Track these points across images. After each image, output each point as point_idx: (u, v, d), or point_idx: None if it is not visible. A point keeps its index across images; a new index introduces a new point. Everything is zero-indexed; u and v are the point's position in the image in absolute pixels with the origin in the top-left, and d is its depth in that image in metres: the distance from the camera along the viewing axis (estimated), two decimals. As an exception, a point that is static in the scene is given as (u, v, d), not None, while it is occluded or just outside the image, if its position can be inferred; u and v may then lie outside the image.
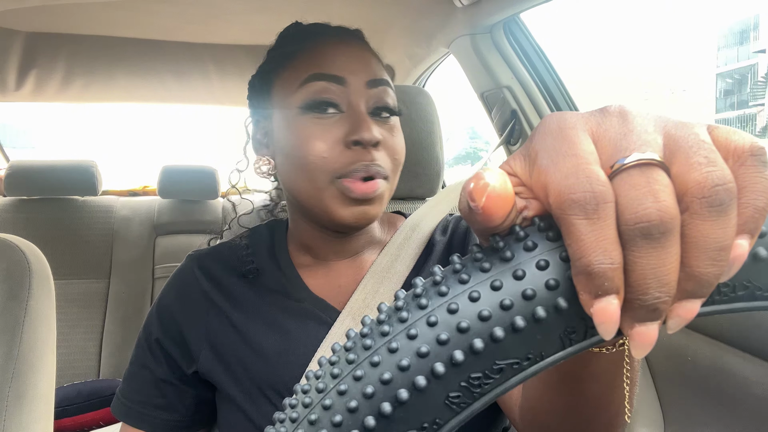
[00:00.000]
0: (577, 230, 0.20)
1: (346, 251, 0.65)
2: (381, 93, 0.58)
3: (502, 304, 0.21)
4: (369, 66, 0.59)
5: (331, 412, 0.21)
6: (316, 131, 0.56)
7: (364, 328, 0.23)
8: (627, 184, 0.20)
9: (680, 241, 0.20)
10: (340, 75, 0.56)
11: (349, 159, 0.55)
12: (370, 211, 0.57)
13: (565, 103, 1.20)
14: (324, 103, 0.56)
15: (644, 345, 0.20)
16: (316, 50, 0.58)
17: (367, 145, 0.55)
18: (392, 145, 0.58)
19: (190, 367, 0.63)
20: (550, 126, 0.22)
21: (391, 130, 0.59)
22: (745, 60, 27.58)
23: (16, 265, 0.78)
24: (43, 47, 1.45)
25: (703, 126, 0.21)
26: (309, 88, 0.56)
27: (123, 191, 2.34)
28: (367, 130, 0.54)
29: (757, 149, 0.20)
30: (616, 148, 0.21)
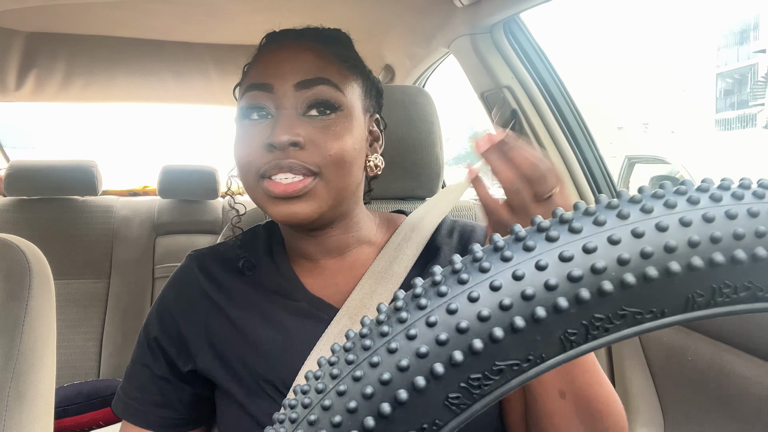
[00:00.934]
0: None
1: (330, 249, 0.66)
2: (315, 92, 0.58)
3: (502, 304, 0.21)
4: (300, 68, 0.59)
5: (331, 412, 0.21)
6: (245, 136, 0.59)
7: (364, 329, 0.23)
8: None
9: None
10: (267, 82, 0.59)
11: (268, 159, 0.57)
12: (301, 209, 0.57)
13: (565, 103, 1.20)
14: (255, 110, 0.59)
15: None
16: (257, 61, 0.63)
17: (281, 148, 0.56)
18: (323, 143, 0.57)
19: (188, 364, 0.64)
20: None
21: (326, 127, 0.58)
22: (745, 60, 27.56)
23: (16, 265, 0.78)
24: (43, 47, 1.45)
25: None
26: (246, 97, 0.60)
27: (123, 191, 2.34)
28: (280, 132, 0.55)
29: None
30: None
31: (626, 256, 0.21)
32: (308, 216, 0.57)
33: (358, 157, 0.61)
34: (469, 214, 0.93)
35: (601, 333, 0.21)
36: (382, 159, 0.67)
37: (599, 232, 0.22)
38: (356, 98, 0.62)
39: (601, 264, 0.21)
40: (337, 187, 0.58)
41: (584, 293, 0.21)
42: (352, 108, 0.61)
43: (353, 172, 0.60)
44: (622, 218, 0.22)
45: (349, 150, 0.59)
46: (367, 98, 0.65)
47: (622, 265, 0.21)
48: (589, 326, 0.21)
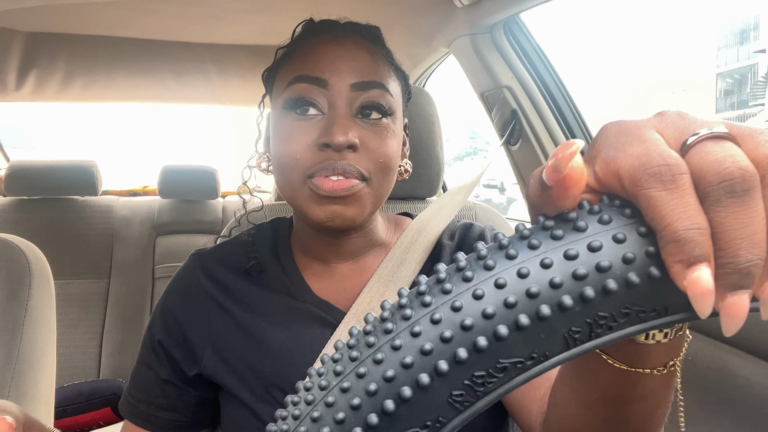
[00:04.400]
0: (657, 201, 0.20)
1: (346, 253, 0.65)
2: (370, 95, 0.57)
3: (506, 301, 0.21)
4: (357, 67, 0.57)
5: (334, 409, 0.21)
6: (293, 131, 0.56)
7: (367, 326, 0.23)
8: (702, 152, 0.21)
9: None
10: (322, 77, 0.56)
11: (320, 158, 0.55)
12: (344, 211, 0.55)
13: (565, 103, 1.20)
14: (303, 104, 0.56)
15: (736, 318, 0.20)
16: (307, 50, 0.59)
17: (338, 149, 0.54)
18: (375, 148, 0.56)
19: (192, 368, 0.63)
20: (611, 129, 0.24)
21: (379, 132, 0.57)
22: (745, 60, 27.57)
23: (16, 265, 0.78)
24: (43, 47, 1.45)
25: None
26: (293, 88, 0.57)
27: (123, 191, 2.34)
28: (338, 133, 0.53)
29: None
30: (683, 132, 0.22)
31: (630, 255, 0.21)
32: (351, 218, 0.56)
33: (398, 163, 0.60)
34: (469, 214, 0.93)
35: (605, 331, 0.21)
36: (410, 163, 0.67)
37: (604, 230, 0.22)
38: (399, 103, 0.61)
39: (605, 263, 0.21)
40: (379, 193, 0.58)
41: (588, 291, 0.21)
42: (398, 113, 0.60)
43: (393, 178, 0.60)
44: (627, 218, 0.22)
45: (395, 156, 0.58)
46: (403, 102, 0.64)
47: (626, 263, 0.21)
48: (593, 324, 0.21)
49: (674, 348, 0.32)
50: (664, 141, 0.22)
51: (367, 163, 0.56)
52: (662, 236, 0.20)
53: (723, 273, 0.20)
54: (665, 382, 0.34)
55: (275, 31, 1.42)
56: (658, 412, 0.37)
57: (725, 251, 0.20)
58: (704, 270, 0.20)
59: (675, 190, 0.20)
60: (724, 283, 0.20)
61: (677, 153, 0.21)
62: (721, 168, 0.20)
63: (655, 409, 0.37)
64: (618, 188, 0.23)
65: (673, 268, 0.20)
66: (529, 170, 1.27)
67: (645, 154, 0.21)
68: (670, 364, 0.32)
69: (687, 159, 0.21)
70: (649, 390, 0.35)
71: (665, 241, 0.20)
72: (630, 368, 0.32)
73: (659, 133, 0.23)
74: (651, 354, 0.32)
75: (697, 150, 0.21)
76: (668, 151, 0.21)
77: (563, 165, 0.22)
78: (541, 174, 0.24)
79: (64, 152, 12.87)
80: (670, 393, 0.35)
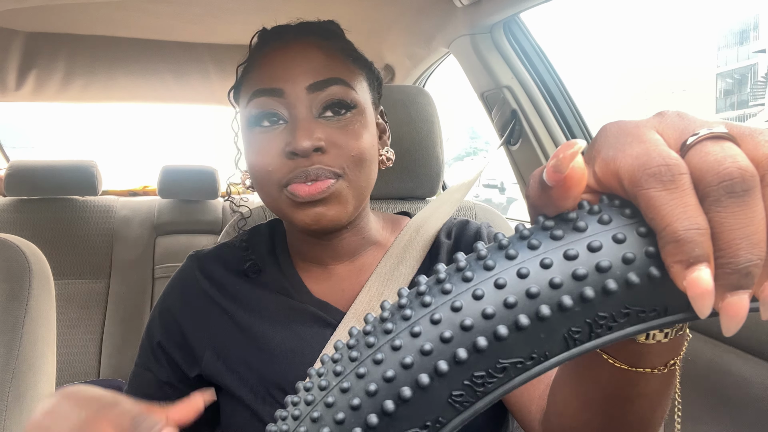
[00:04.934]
0: (657, 201, 0.20)
1: (341, 254, 0.64)
2: (329, 93, 0.56)
3: (506, 301, 0.21)
4: (310, 69, 0.56)
5: (334, 409, 0.21)
6: (261, 144, 0.57)
7: (367, 326, 0.23)
8: (702, 152, 0.21)
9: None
10: (277, 87, 0.56)
11: (290, 167, 0.55)
12: (326, 212, 0.55)
13: (565, 103, 1.20)
14: (267, 117, 0.57)
15: (736, 318, 0.20)
16: (260, 63, 0.59)
17: (305, 154, 0.54)
18: (344, 144, 0.56)
19: (193, 370, 0.63)
20: (611, 129, 0.24)
21: (345, 127, 0.56)
22: (745, 60, 27.56)
23: (16, 265, 0.78)
24: (43, 47, 1.45)
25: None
26: (253, 104, 0.57)
27: (123, 191, 2.34)
28: (301, 138, 0.53)
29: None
30: (682, 132, 0.22)
31: (630, 255, 0.21)
32: (335, 218, 0.56)
33: (375, 153, 0.60)
34: (469, 214, 0.93)
35: (605, 331, 0.21)
36: (393, 151, 0.66)
37: (604, 231, 0.22)
38: (365, 93, 0.61)
39: (605, 263, 0.21)
40: (359, 186, 0.58)
41: (588, 291, 0.21)
42: (365, 104, 0.59)
43: (372, 169, 0.59)
44: (627, 218, 0.22)
45: (368, 147, 0.58)
46: (373, 91, 0.63)
47: (626, 264, 0.21)
48: (593, 324, 0.21)
49: (674, 347, 0.32)
50: (664, 141, 0.22)
51: (339, 160, 0.55)
52: (662, 236, 0.20)
53: (723, 273, 0.20)
54: (665, 381, 0.34)
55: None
56: (657, 411, 0.38)
57: (725, 251, 0.20)
58: (704, 270, 0.20)
59: (675, 190, 0.20)
60: (723, 283, 0.20)
61: (677, 153, 0.21)
62: (721, 168, 0.20)
63: (654, 408, 0.37)
64: (618, 188, 0.23)
65: (673, 268, 0.20)
66: (529, 170, 1.27)
67: (645, 154, 0.21)
68: (670, 363, 0.32)
69: (687, 159, 0.21)
70: (649, 389, 0.35)
71: (665, 242, 0.20)
72: (630, 367, 0.32)
73: (659, 134, 0.23)
74: (651, 353, 0.32)
75: (696, 150, 0.21)
76: (668, 151, 0.21)
77: (564, 165, 0.22)
78: (541, 174, 0.24)
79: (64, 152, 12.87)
80: (669, 392, 0.35)
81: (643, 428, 0.39)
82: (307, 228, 0.56)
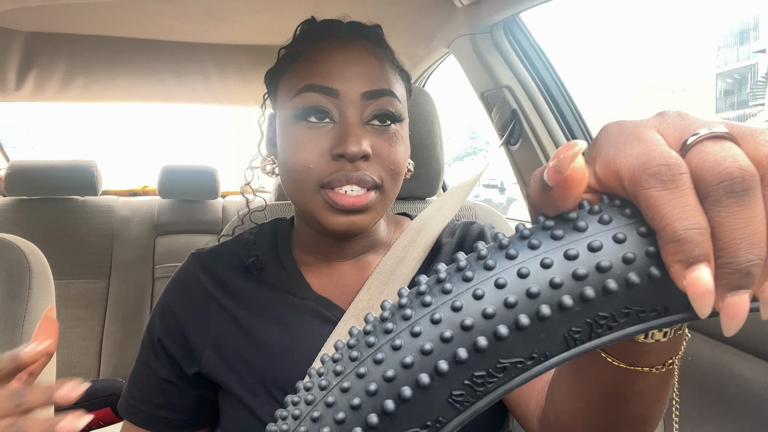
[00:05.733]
0: (657, 201, 0.20)
1: (348, 253, 0.65)
2: (380, 103, 0.57)
3: (506, 301, 0.21)
4: (367, 75, 0.57)
5: (334, 409, 0.21)
6: (305, 140, 0.56)
7: (368, 326, 0.23)
8: (702, 152, 0.21)
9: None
10: (333, 87, 0.56)
11: (333, 168, 0.55)
12: (358, 221, 0.56)
13: (565, 103, 1.20)
14: (315, 113, 0.56)
15: (736, 318, 0.20)
16: (315, 57, 0.58)
17: (353, 159, 0.54)
18: (387, 155, 0.57)
19: (192, 367, 0.63)
20: (611, 129, 0.24)
21: (390, 139, 0.57)
22: (745, 60, 27.57)
23: (16, 265, 0.78)
24: (43, 47, 1.45)
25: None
26: (303, 97, 0.56)
27: (123, 191, 2.34)
28: (352, 143, 0.53)
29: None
30: (683, 132, 0.22)
31: (630, 255, 0.21)
32: (366, 226, 0.57)
33: (406, 167, 0.61)
34: (469, 214, 0.93)
35: (605, 331, 0.21)
36: (413, 163, 0.68)
37: (604, 230, 0.22)
38: (407, 107, 0.62)
39: (605, 263, 0.21)
40: (390, 198, 0.59)
41: (589, 291, 0.21)
42: (406, 118, 0.61)
43: (401, 181, 0.61)
44: (627, 218, 0.22)
45: (404, 162, 0.59)
46: (408, 104, 0.65)
47: (626, 263, 0.21)
48: (593, 324, 0.21)
49: (673, 347, 0.32)
50: (665, 141, 0.22)
51: (379, 170, 0.57)
52: (662, 236, 0.20)
53: (723, 273, 0.20)
54: (663, 379, 0.34)
55: (275, 31, 1.41)
56: (655, 409, 0.38)
57: (725, 251, 0.20)
58: (704, 270, 0.20)
59: (675, 189, 0.20)
60: (724, 283, 0.20)
61: (677, 153, 0.21)
62: (721, 168, 0.20)
63: (652, 406, 0.37)
64: (618, 188, 0.23)
65: (673, 268, 0.20)
66: (529, 170, 1.27)
67: (645, 154, 0.21)
68: (668, 362, 0.32)
69: (687, 159, 0.21)
70: (648, 387, 0.35)
71: (665, 241, 0.20)
72: (629, 366, 0.33)
73: (659, 133, 0.23)
74: (650, 353, 0.32)
75: (697, 150, 0.21)
76: (668, 151, 0.21)
77: (565, 165, 0.22)
78: (542, 174, 0.24)
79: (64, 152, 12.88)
80: (667, 390, 0.36)
81: (640, 426, 0.39)
82: (336, 233, 0.57)
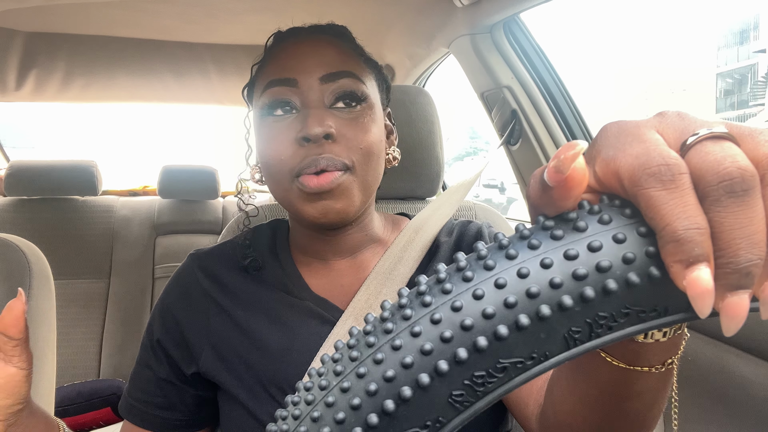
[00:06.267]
0: (657, 201, 0.20)
1: (343, 249, 0.65)
2: (341, 84, 0.58)
3: (506, 301, 0.21)
4: (324, 61, 0.58)
5: (334, 409, 0.21)
6: (274, 133, 0.58)
7: (367, 326, 0.23)
8: (702, 152, 0.21)
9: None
10: (291, 77, 0.58)
11: (302, 155, 0.56)
12: (333, 205, 0.56)
13: (565, 103, 1.20)
14: (280, 105, 0.58)
15: (737, 318, 0.20)
16: (276, 57, 0.61)
17: (316, 140, 0.55)
18: (354, 135, 0.57)
19: (190, 367, 0.63)
20: (611, 129, 0.24)
21: (355, 119, 0.58)
22: (745, 60, 27.57)
23: (16, 265, 0.78)
24: (43, 47, 1.45)
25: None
26: (267, 94, 0.59)
27: (123, 191, 2.34)
28: (313, 125, 0.54)
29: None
30: (682, 132, 0.22)
31: (630, 255, 0.21)
32: (342, 211, 0.57)
33: (382, 149, 0.61)
34: (469, 214, 0.93)
35: (605, 331, 0.21)
36: (399, 151, 0.68)
37: (604, 230, 0.22)
38: (375, 90, 0.63)
39: (605, 263, 0.21)
40: (366, 180, 0.59)
41: (589, 291, 0.21)
42: (374, 99, 0.61)
43: (380, 164, 0.61)
44: (627, 218, 0.22)
45: (377, 142, 0.59)
46: (381, 92, 0.65)
47: (626, 263, 0.21)
48: (593, 324, 0.21)
49: (672, 347, 0.32)
50: (664, 141, 0.22)
51: (349, 152, 0.57)
52: (662, 236, 0.20)
53: (723, 273, 0.20)
54: (663, 379, 0.34)
55: (275, 31, 1.42)
56: (654, 408, 0.38)
57: (725, 251, 0.20)
58: (704, 270, 0.20)
59: (674, 189, 0.20)
60: (724, 283, 0.20)
61: (677, 153, 0.21)
62: (721, 168, 0.20)
63: (651, 405, 0.37)
64: (618, 188, 0.23)
65: (673, 268, 0.20)
66: (529, 170, 1.27)
67: (644, 154, 0.21)
68: (668, 362, 0.32)
69: (686, 159, 0.21)
70: (647, 387, 0.35)
71: (665, 241, 0.20)
72: (628, 366, 0.33)
73: (659, 134, 0.23)
74: (650, 353, 0.32)
75: (696, 150, 0.21)
76: (668, 151, 0.21)
77: (566, 165, 0.22)
78: (542, 174, 0.24)
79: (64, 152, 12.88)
80: (666, 390, 0.36)
81: (639, 425, 0.39)
82: (315, 221, 0.57)
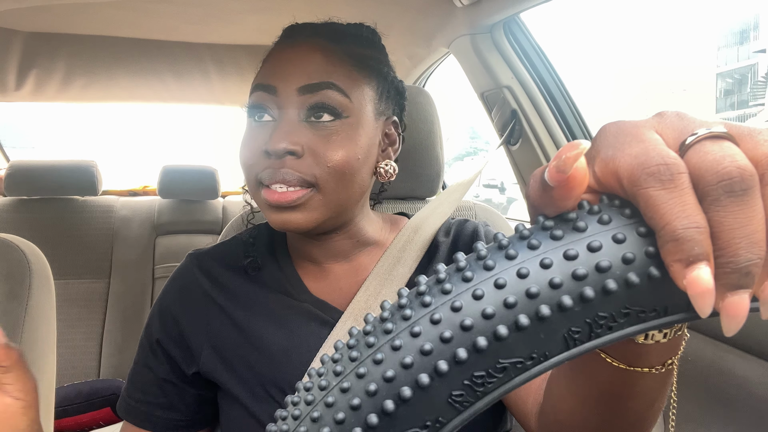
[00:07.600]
0: (656, 200, 0.20)
1: (335, 254, 0.65)
2: (318, 97, 0.55)
3: (506, 301, 0.21)
4: (306, 70, 0.56)
5: (334, 409, 0.21)
6: (248, 137, 0.58)
7: (367, 326, 0.23)
8: (701, 152, 0.21)
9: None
10: (271, 84, 0.57)
11: (264, 166, 0.55)
12: (293, 219, 0.55)
13: (565, 103, 1.20)
14: (258, 111, 0.58)
15: (737, 318, 0.20)
16: (268, 58, 0.60)
17: (277, 156, 0.54)
18: (323, 153, 0.54)
19: (191, 367, 0.63)
20: (610, 129, 0.24)
21: (327, 136, 0.55)
22: (745, 60, 27.57)
23: (16, 265, 0.78)
24: (43, 47, 1.45)
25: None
26: (252, 97, 0.59)
27: (123, 191, 2.34)
28: (275, 140, 0.53)
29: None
30: (681, 132, 0.22)
31: (630, 255, 0.21)
32: (302, 226, 0.56)
33: (362, 166, 0.57)
34: (469, 214, 0.93)
35: (605, 331, 0.21)
36: (394, 165, 0.63)
37: (604, 231, 0.22)
38: (366, 102, 0.58)
39: (605, 263, 0.21)
40: (335, 198, 0.56)
41: (588, 291, 0.21)
42: (360, 114, 0.57)
43: (356, 181, 0.57)
44: (627, 218, 0.22)
45: (351, 161, 0.55)
46: (381, 101, 0.61)
47: (626, 263, 0.21)
48: (592, 324, 0.21)
49: (672, 347, 0.32)
50: (663, 141, 0.22)
51: (314, 168, 0.54)
52: (661, 235, 0.20)
53: (723, 272, 0.20)
54: (662, 380, 0.34)
55: (275, 31, 1.41)
56: (653, 408, 0.38)
57: (725, 251, 0.20)
58: (704, 269, 0.20)
59: (673, 189, 0.20)
60: (724, 283, 0.20)
61: (676, 153, 0.22)
62: (720, 167, 0.20)
63: (650, 405, 0.37)
64: (617, 188, 0.23)
65: (673, 268, 0.20)
66: (529, 170, 1.27)
67: (643, 154, 0.21)
68: (668, 362, 0.32)
69: (686, 159, 0.21)
70: (646, 388, 0.35)
71: (664, 240, 0.20)
72: (628, 367, 0.33)
73: (658, 134, 0.23)
74: (649, 353, 0.32)
75: (695, 150, 0.21)
76: (667, 151, 0.21)
77: (568, 165, 0.22)
78: (542, 174, 0.24)
79: (64, 152, 12.88)
80: (666, 390, 0.36)
81: (638, 425, 0.39)
82: (278, 229, 0.58)
